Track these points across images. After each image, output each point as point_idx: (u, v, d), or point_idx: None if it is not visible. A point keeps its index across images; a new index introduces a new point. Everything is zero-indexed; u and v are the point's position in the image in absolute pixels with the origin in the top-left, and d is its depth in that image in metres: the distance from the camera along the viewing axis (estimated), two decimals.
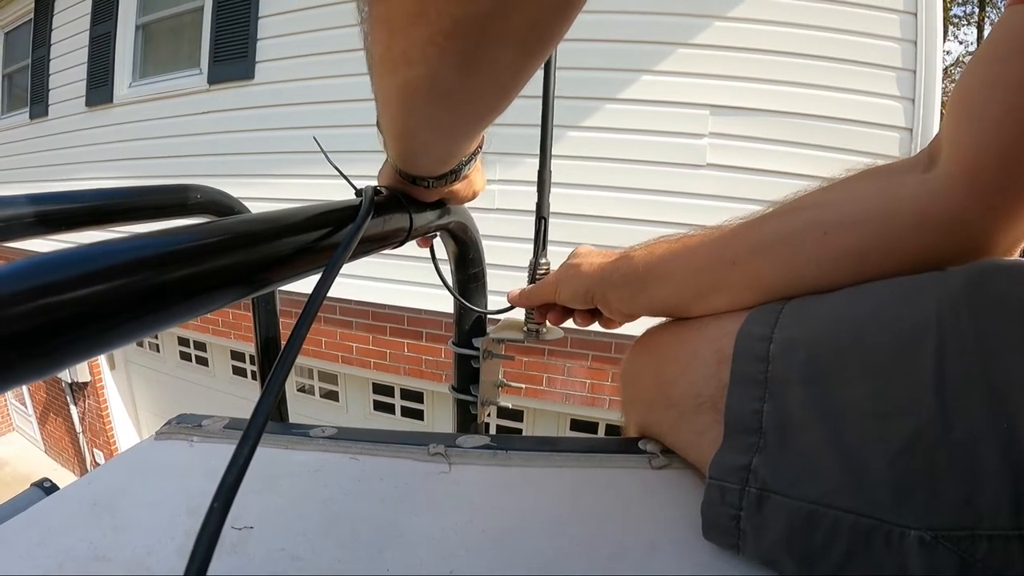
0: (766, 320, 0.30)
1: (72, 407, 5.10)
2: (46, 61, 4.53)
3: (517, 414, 3.24)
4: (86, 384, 4.84)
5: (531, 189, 0.56)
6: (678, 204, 2.54)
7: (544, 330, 0.56)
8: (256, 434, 0.19)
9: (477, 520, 0.34)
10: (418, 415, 3.47)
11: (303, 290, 0.25)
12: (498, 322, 0.61)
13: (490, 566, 0.31)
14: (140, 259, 0.19)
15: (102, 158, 4.04)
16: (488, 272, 0.64)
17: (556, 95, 0.54)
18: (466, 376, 0.65)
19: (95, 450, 5.03)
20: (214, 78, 3.46)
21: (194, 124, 3.56)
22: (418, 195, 0.43)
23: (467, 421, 0.67)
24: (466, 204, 0.54)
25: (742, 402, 0.29)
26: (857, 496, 0.24)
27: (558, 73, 0.55)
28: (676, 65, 2.53)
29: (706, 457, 0.30)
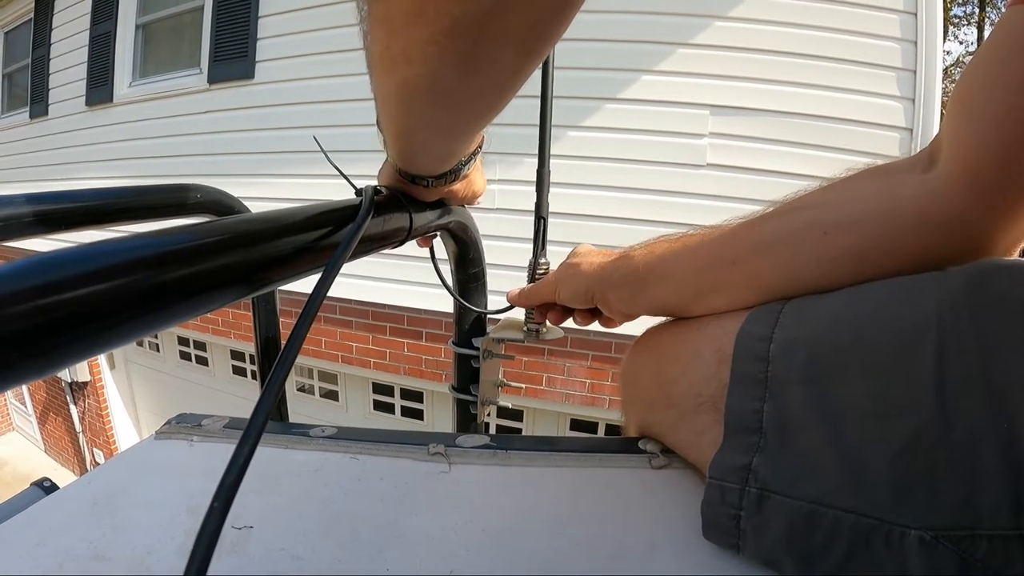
0: (766, 320, 0.30)
1: (72, 407, 5.10)
2: (46, 61, 4.53)
3: (517, 414, 3.24)
4: (86, 384, 4.84)
5: (531, 189, 0.56)
6: (678, 204, 2.54)
7: (544, 330, 0.56)
8: (256, 434, 0.19)
9: (477, 520, 0.34)
10: (418, 415, 3.47)
11: (303, 290, 0.25)
12: (498, 322, 0.61)
13: (490, 566, 0.31)
14: (140, 259, 0.19)
15: (102, 158, 4.04)
16: (488, 272, 0.64)
17: (556, 95, 0.54)
18: (466, 376, 0.65)
19: (95, 450, 5.04)
20: (214, 78, 3.46)
21: (194, 124, 3.56)
22: (418, 194, 0.43)
23: (467, 421, 0.67)
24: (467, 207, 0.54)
25: (742, 402, 0.29)
26: (857, 496, 0.24)
27: (558, 73, 0.55)
28: (676, 65, 2.53)
29: (706, 457, 0.30)
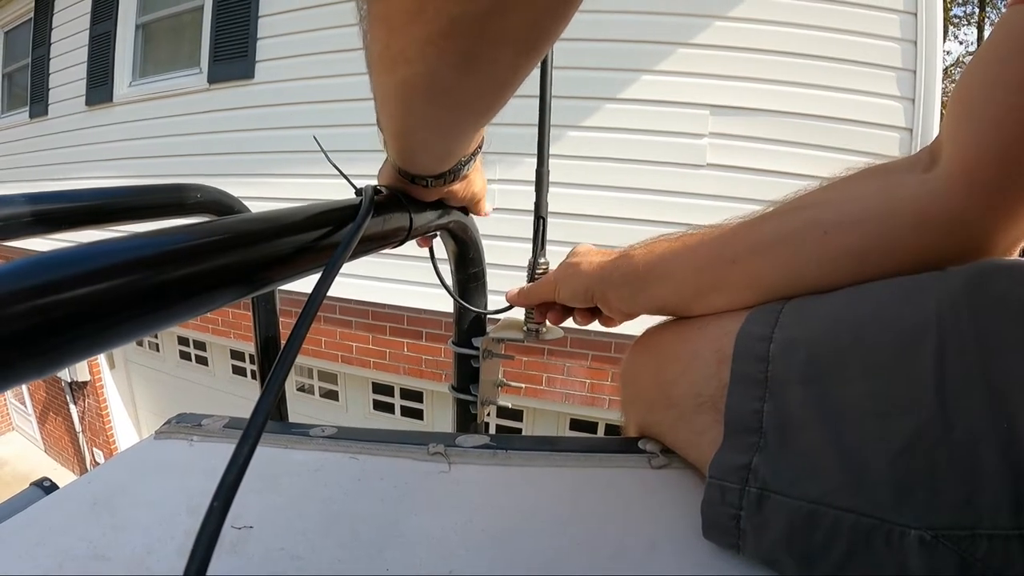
0: (766, 320, 0.30)
1: (72, 406, 5.10)
2: (46, 60, 4.53)
3: (517, 414, 3.24)
4: (86, 383, 4.84)
5: (531, 189, 0.56)
6: (678, 204, 2.55)
7: (544, 330, 0.56)
8: (256, 433, 0.19)
9: (477, 520, 0.34)
10: (418, 415, 3.47)
11: (303, 289, 0.25)
12: (498, 322, 0.61)
13: (490, 566, 0.31)
14: (139, 258, 0.19)
15: (102, 157, 4.03)
16: (488, 272, 0.64)
17: (556, 95, 0.54)
18: (466, 376, 0.65)
19: (95, 449, 5.03)
20: (214, 77, 3.46)
21: (194, 123, 3.56)
22: (417, 194, 0.43)
23: (467, 421, 0.67)
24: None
25: (742, 402, 0.29)
26: (857, 496, 0.24)
27: (558, 73, 0.55)
28: (676, 65, 2.53)
29: (706, 457, 0.30)
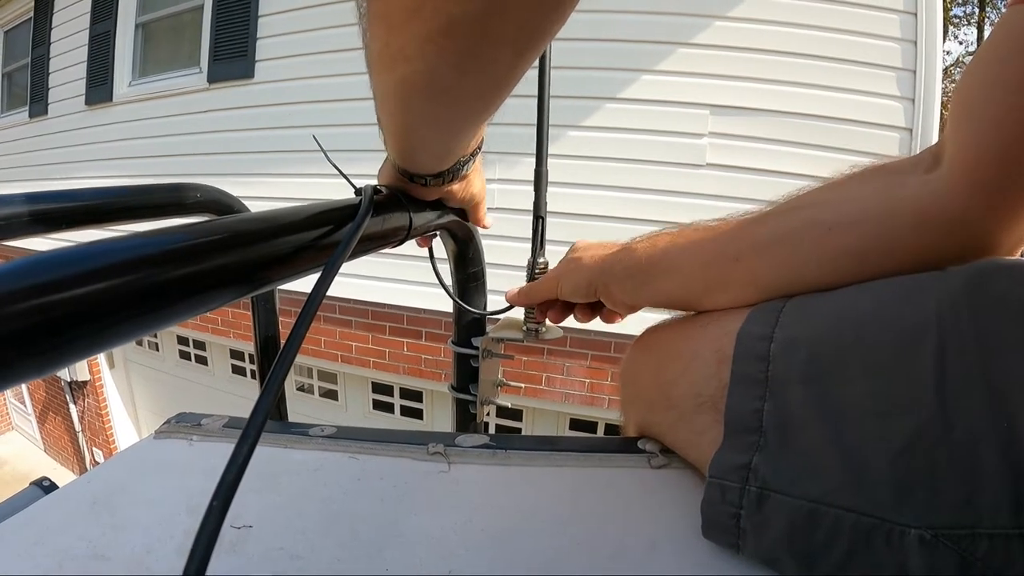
0: (767, 319, 0.30)
1: (71, 406, 5.10)
2: (46, 60, 4.52)
3: (516, 413, 3.24)
4: (85, 383, 4.84)
5: (531, 188, 0.56)
6: (678, 204, 2.54)
7: (543, 329, 0.56)
8: (255, 433, 0.19)
9: (476, 519, 0.34)
10: (417, 414, 3.47)
11: (302, 289, 0.25)
12: (497, 321, 0.61)
13: (490, 565, 0.31)
14: (139, 257, 0.19)
15: (101, 157, 4.03)
16: (488, 272, 0.64)
17: (556, 94, 0.54)
18: (465, 375, 0.65)
19: (94, 449, 5.03)
20: (214, 77, 3.46)
21: (193, 123, 3.56)
22: (417, 193, 0.43)
23: (466, 420, 0.67)
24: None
25: (743, 401, 0.29)
26: (858, 495, 0.24)
27: (558, 72, 0.55)
28: (676, 65, 2.53)
29: (706, 457, 0.30)
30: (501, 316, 0.60)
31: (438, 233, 0.55)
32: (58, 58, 4.42)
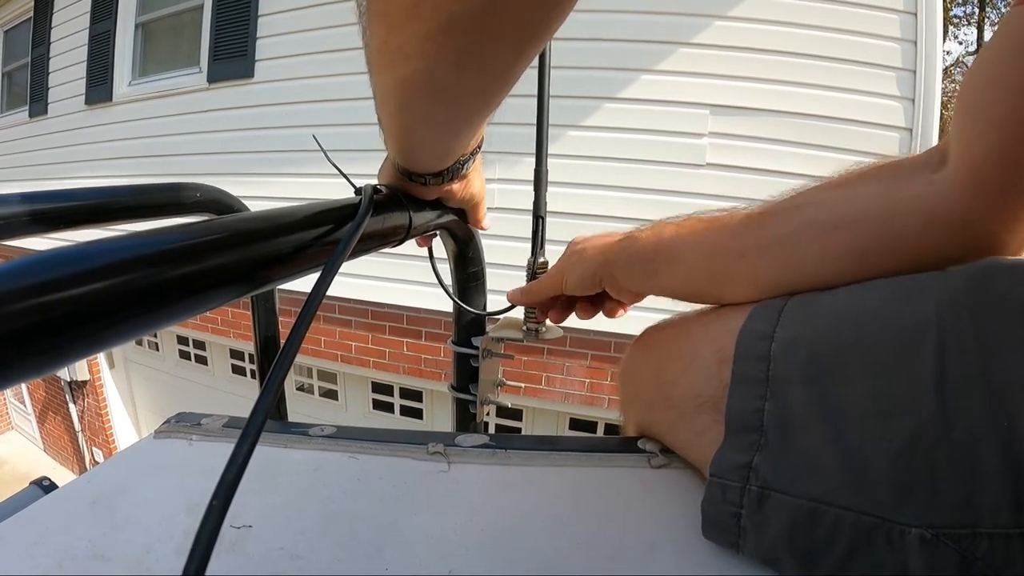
0: (768, 319, 0.30)
1: (71, 405, 5.10)
2: (45, 59, 4.52)
3: (516, 413, 3.24)
4: (85, 383, 4.84)
5: (530, 188, 0.56)
6: (678, 203, 2.54)
7: (543, 329, 0.56)
8: (255, 433, 0.19)
9: (476, 519, 0.34)
10: (417, 414, 3.47)
11: (302, 289, 0.25)
12: (497, 321, 0.61)
13: (489, 565, 0.31)
14: (138, 257, 0.19)
15: (101, 156, 4.03)
16: (488, 272, 0.64)
17: (556, 94, 0.54)
18: (465, 375, 0.65)
19: (94, 449, 5.03)
20: (214, 76, 3.46)
21: (193, 123, 3.56)
22: (417, 192, 0.43)
23: (466, 420, 0.67)
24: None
25: (743, 401, 0.29)
26: (858, 494, 0.24)
27: (558, 72, 0.55)
28: (676, 64, 2.53)
29: (706, 456, 0.30)
30: (501, 316, 0.60)
31: (438, 233, 0.55)
32: (58, 58, 4.42)
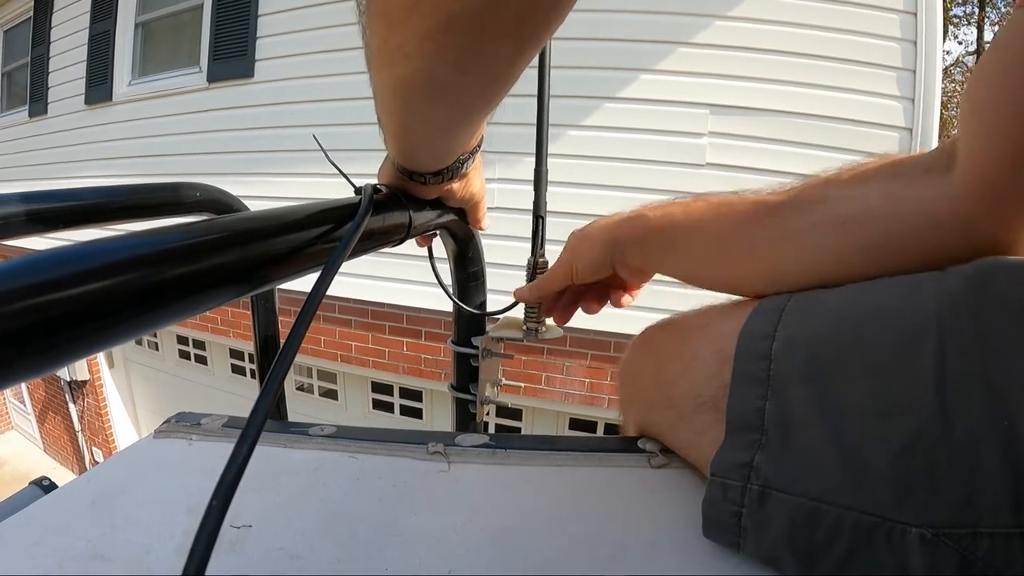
0: (769, 318, 0.30)
1: (71, 405, 5.09)
2: (45, 59, 4.52)
3: (516, 413, 3.24)
4: (85, 382, 4.84)
5: (531, 188, 0.56)
6: None
7: (543, 329, 0.56)
8: (255, 432, 0.19)
9: (476, 519, 0.34)
10: (417, 414, 3.47)
11: (302, 288, 0.25)
12: (497, 321, 0.61)
13: (489, 565, 0.31)
14: (138, 256, 0.19)
15: (101, 156, 4.03)
16: (488, 271, 0.64)
17: (556, 94, 0.54)
18: (465, 375, 0.65)
19: (94, 448, 5.03)
20: (213, 76, 3.46)
21: (193, 122, 3.55)
22: (417, 192, 0.43)
23: (466, 420, 0.67)
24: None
25: (745, 400, 0.29)
26: (858, 494, 0.24)
27: (558, 72, 0.55)
28: (676, 64, 2.53)
29: (706, 456, 0.30)
30: (501, 316, 0.60)
31: (438, 233, 0.55)
32: (58, 57, 4.42)
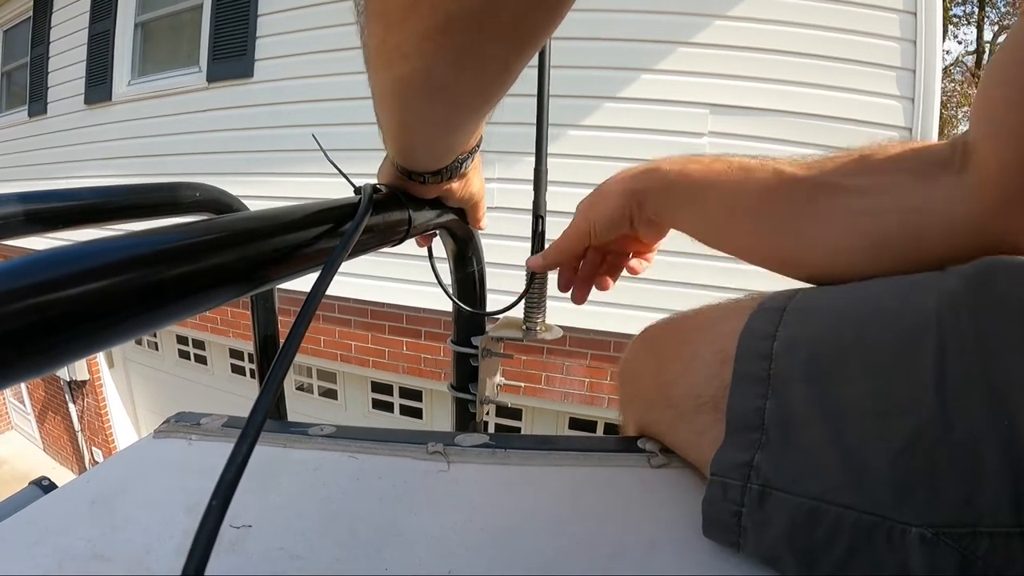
0: (770, 318, 0.30)
1: (71, 405, 5.09)
2: (45, 59, 4.52)
3: (516, 413, 3.24)
4: (85, 382, 4.84)
5: (530, 187, 0.56)
6: None
7: (543, 328, 0.56)
8: (255, 432, 0.19)
9: (476, 519, 0.34)
10: (417, 413, 3.47)
11: (302, 288, 0.25)
12: (497, 320, 0.61)
13: (489, 565, 0.31)
14: (137, 256, 0.19)
15: (100, 156, 4.03)
16: (488, 271, 0.64)
17: (556, 93, 0.54)
18: (465, 374, 0.65)
19: (94, 448, 5.03)
20: (213, 76, 3.46)
21: (193, 122, 3.55)
22: (416, 191, 0.43)
23: (466, 419, 0.67)
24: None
25: (745, 399, 0.29)
26: (859, 493, 0.24)
27: (558, 71, 0.55)
28: (676, 64, 2.53)
29: (706, 456, 0.30)
30: (501, 315, 0.60)
31: (437, 232, 0.55)
32: (57, 57, 4.42)
